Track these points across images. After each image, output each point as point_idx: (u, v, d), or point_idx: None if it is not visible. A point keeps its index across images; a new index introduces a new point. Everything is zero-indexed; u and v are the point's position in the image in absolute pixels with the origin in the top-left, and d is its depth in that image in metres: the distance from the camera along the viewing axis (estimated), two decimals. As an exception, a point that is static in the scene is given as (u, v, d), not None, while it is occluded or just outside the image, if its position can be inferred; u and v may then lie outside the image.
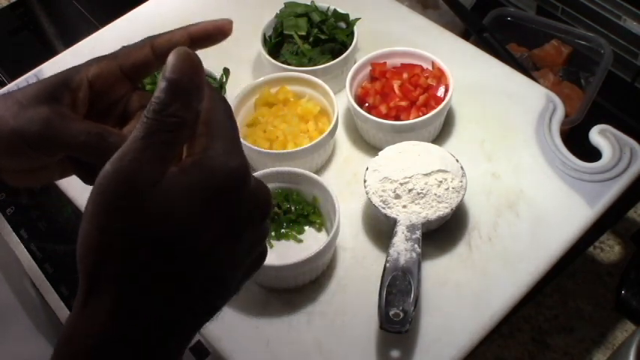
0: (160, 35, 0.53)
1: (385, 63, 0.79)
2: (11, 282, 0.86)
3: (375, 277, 0.62)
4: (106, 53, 0.53)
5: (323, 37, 0.82)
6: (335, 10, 0.85)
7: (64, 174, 0.54)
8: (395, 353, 0.62)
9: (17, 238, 0.94)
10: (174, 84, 0.38)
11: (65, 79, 0.51)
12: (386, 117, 0.75)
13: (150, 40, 0.52)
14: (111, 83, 0.53)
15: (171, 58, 0.38)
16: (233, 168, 0.38)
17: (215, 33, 0.53)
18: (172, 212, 0.36)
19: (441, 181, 0.66)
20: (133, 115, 0.54)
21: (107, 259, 0.36)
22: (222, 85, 0.77)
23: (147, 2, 0.97)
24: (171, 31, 0.53)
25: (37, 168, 0.52)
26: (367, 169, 0.69)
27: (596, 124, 0.76)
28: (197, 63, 0.39)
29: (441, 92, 0.75)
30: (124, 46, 0.53)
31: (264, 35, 0.84)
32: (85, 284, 0.36)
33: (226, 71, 0.77)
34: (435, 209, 0.65)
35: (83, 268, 0.36)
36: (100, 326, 0.36)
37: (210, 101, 0.41)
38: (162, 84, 0.37)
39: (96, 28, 0.97)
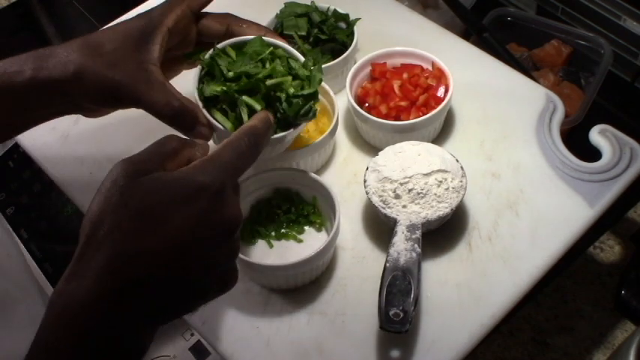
0: None
1: (385, 63, 0.79)
2: (12, 280, 0.87)
3: (375, 277, 0.62)
4: None
5: (323, 37, 0.82)
6: (335, 10, 0.85)
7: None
8: (395, 353, 0.62)
9: (17, 238, 0.94)
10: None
11: (147, 33, 0.61)
12: (386, 117, 0.75)
13: None
14: (184, 25, 0.64)
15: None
16: (199, 182, 0.47)
17: None
18: (152, 195, 0.46)
19: (441, 181, 0.66)
20: (192, 41, 0.67)
21: (102, 222, 0.45)
22: (312, 81, 0.74)
23: (146, 2, 0.97)
24: None
25: (111, 110, 0.66)
26: (367, 169, 0.69)
27: (596, 124, 0.76)
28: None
29: (441, 92, 0.75)
30: None
31: (264, 35, 0.84)
32: (81, 243, 0.45)
33: (316, 58, 0.74)
34: (435, 209, 0.65)
35: (82, 231, 0.46)
36: (89, 281, 0.43)
37: (235, 135, 0.53)
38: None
39: (96, 28, 0.97)
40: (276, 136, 0.63)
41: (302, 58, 0.66)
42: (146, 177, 0.47)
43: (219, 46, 0.65)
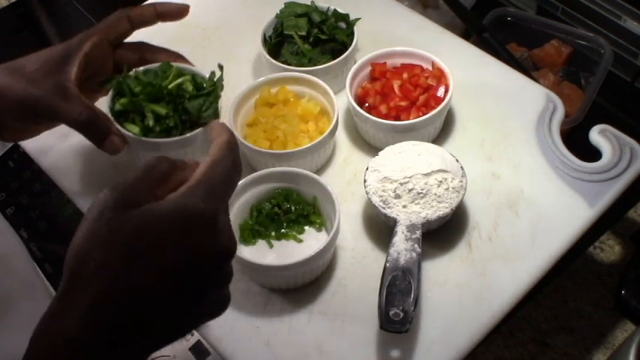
0: (132, 9, 0.71)
1: (385, 63, 0.79)
2: (17, 276, 0.87)
3: (375, 277, 0.62)
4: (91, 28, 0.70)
5: (323, 37, 0.82)
6: (335, 10, 0.85)
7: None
8: (395, 353, 0.62)
9: (17, 238, 0.94)
10: None
11: (66, 57, 0.67)
12: (386, 117, 0.75)
13: (125, 14, 0.71)
14: (100, 52, 0.69)
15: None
16: (191, 211, 0.44)
17: (176, 14, 0.72)
18: (144, 230, 0.43)
19: (441, 181, 0.66)
20: (110, 70, 0.72)
21: (89, 258, 0.42)
22: (215, 84, 0.75)
23: (146, 2, 0.97)
24: (142, 6, 0.73)
25: (33, 129, 0.70)
26: (367, 169, 0.69)
27: (596, 124, 0.77)
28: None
29: (441, 92, 0.75)
30: (103, 20, 0.71)
31: (264, 35, 0.84)
32: (67, 278, 0.43)
33: (220, 67, 0.75)
34: (435, 209, 0.65)
35: (67, 265, 0.43)
36: (76, 320, 0.41)
37: (218, 153, 0.49)
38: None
39: (96, 28, 0.97)
40: (183, 136, 0.68)
41: (207, 76, 0.71)
42: (135, 210, 0.44)
43: (130, 73, 0.71)
